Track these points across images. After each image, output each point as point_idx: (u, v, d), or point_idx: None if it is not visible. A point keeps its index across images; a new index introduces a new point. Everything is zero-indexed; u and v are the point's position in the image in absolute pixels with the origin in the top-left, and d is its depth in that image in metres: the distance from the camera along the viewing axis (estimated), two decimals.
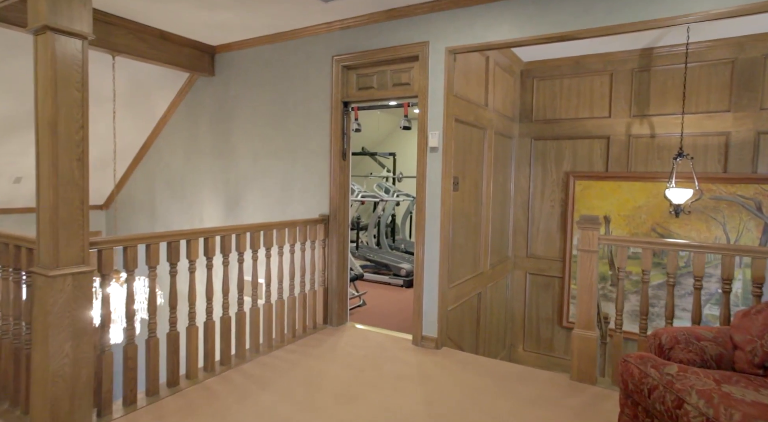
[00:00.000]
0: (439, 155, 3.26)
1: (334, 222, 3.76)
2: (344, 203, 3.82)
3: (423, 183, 3.33)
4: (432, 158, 3.29)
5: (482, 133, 3.93)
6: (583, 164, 4.53)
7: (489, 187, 4.10)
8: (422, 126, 3.31)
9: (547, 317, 4.78)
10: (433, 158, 3.29)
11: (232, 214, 4.42)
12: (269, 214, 4.17)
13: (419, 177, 3.35)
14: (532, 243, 4.84)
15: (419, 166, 3.34)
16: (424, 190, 3.32)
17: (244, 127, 4.30)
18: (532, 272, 4.84)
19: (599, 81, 4.40)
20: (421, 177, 3.34)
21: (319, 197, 3.87)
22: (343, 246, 3.82)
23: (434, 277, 3.32)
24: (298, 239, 3.56)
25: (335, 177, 3.75)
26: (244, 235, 3.03)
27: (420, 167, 3.33)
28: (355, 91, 3.68)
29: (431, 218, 3.31)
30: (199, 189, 4.65)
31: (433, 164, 3.29)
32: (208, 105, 4.53)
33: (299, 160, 3.98)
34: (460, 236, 3.59)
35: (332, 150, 3.76)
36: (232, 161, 4.40)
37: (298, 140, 3.97)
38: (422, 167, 3.33)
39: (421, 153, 3.32)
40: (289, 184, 4.05)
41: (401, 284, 5.62)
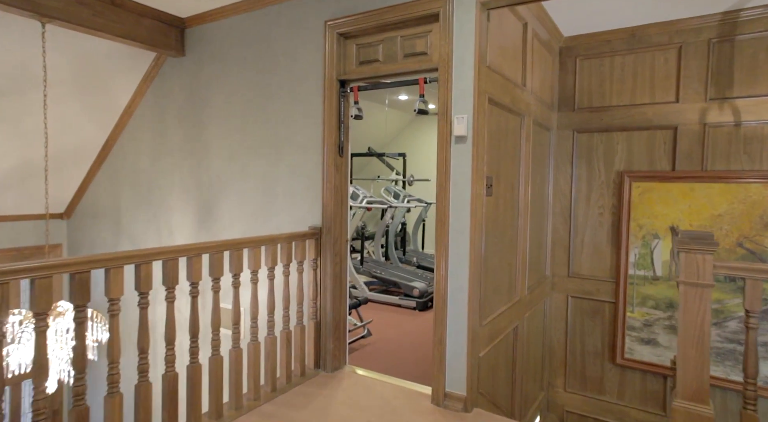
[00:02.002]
0: (468, 146, 2.39)
1: (327, 237, 2.90)
2: (342, 212, 2.96)
3: (445, 185, 2.46)
4: (458, 152, 2.42)
5: (519, 121, 3.06)
6: (641, 162, 3.62)
7: (527, 190, 3.21)
8: (444, 109, 2.45)
9: (594, 351, 3.86)
10: (459, 152, 2.42)
11: (204, 225, 3.58)
12: (248, 226, 3.32)
13: (440, 177, 2.48)
14: (574, 260, 3.94)
15: (440, 162, 2.47)
16: (447, 195, 2.45)
17: (219, 117, 3.47)
18: (576, 295, 3.94)
19: (663, 57, 3.50)
20: (442, 177, 2.47)
21: (310, 204, 3.02)
22: (340, 268, 2.96)
23: (461, 313, 2.44)
24: (279, 261, 2.71)
25: (329, 178, 2.89)
26: (197, 259, 2.18)
27: (441, 163, 2.47)
28: (354, 66, 2.83)
29: (457, 233, 2.43)
30: (168, 194, 3.82)
31: (460, 159, 2.42)
32: (178, 92, 3.71)
33: (284, 157, 3.13)
34: (494, 254, 2.71)
35: (325, 143, 2.90)
36: (205, 159, 3.56)
37: (283, 131, 3.13)
38: (444, 163, 2.46)
39: (443, 145, 2.45)
40: (272, 187, 3.20)
41: (414, 307, 4.76)
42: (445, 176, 2.46)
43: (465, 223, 2.41)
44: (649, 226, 3.56)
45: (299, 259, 2.82)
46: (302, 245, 2.83)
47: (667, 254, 3.50)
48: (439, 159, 2.47)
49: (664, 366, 3.47)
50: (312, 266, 2.92)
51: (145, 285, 1.96)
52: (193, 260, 2.16)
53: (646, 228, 3.58)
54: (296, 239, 2.77)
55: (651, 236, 3.56)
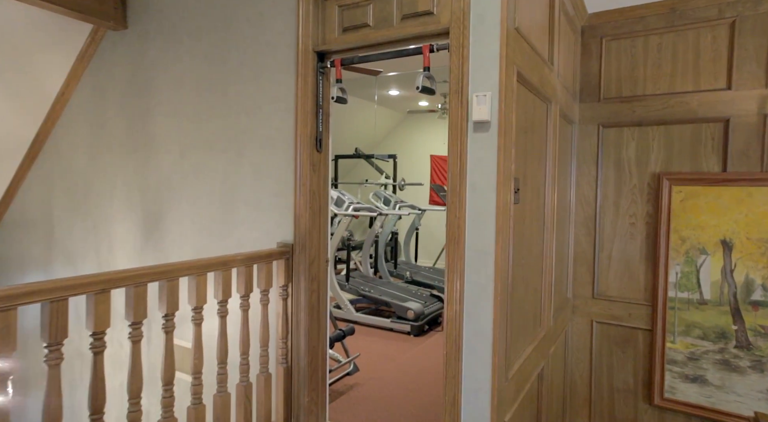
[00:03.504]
0: (492, 136, 1.74)
1: (301, 256, 2.22)
2: (320, 223, 2.28)
3: (459, 189, 1.80)
4: (478, 144, 1.77)
5: (545, 108, 2.42)
6: (682, 162, 3.02)
7: (554, 196, 2.58)
8: (458, 85, 1.80)
9: (626, 388, 3.23)
10: (480, 144, 1.77)
11: (150, 240, 2.87)
12: (202, 241, 2.62)
13: (453, 179, 1.82)
14: (600, 278, 3.31)
15: (453, 158, 1.81)
16: (462, 203, 1.80)
17: (168, 104, 2.77)
18: (602, 321, 3.30)
19: (710, 35, 2.91)
20: (455, 179, 1.81)
21: (279, 213, 2.34)
22: (317, 296, 2.28)
23: (483, 367, 1.78)
24: (236, 291, 2.02)
25: (304, 181, 2.22)
26: (103, 297, 1.48)
27: (454, 160, 1.81)
28: (336, 34, 2.17)
29: (477, 255, 1.77)
30: (108, 201, 3.10)
31: (481, 153, 1.77)
32: (120, 74, 3.00)
33: (247, 154, 2.45)
34: (520, 280, 2.06)
35: (299, 136, 2.23)
36: (152, 157, 2.86)
37: (246, 121, 2.45)
38: (458, 159, 1.80)
39: (456, 135, 1.80)
40: (232, 193, 2.51)
41: (408, 332, 4.10)
42: (459, 178, 1.80)
43: (488, 241, 1.75)
44: (694, 239, 2.95)
45: (263, 287, 2.13)
46: (267, 269, 2.14)
47: (718, 274, 2.89)
48: (452, 153, 1.81)
49: (719, 411, 2.84)
50: (281, 295, 2.24)
51: None
52: (96, 298, 1.46)
53: (690, 242, 2.96)
54: (259, 260, 2.09)
55: (696, 252, 2.94)
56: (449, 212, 1.83)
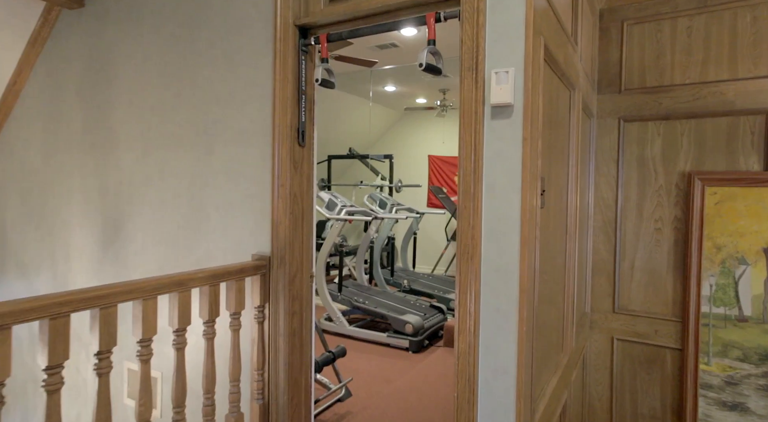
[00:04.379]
0: (516, 123, 1.38)
1: (280, 271, 1.85)
2: (303, 232, 1.91)
3: (473, 191, 1.44)
4: (498, 133, 1.41)
5: (568, 96, 2.07)
6: (716, 159, 2.67)
7: (576, 198, 2.23)
8: (472, 61, 1.44)
9: (652, 414, 2.87)
10: (500, 133, 1.41)
11: (111, 250, 2.49)
12: (167, 252, 2.25)
13: (465, 178, 1.45)
14: (622, 290, 2.95)
15: (466, 153, 1.45)
16: (477, 207, 1.43)
17: (129, 93, 2.40)
18: (624, 338, 2.95)
19: (750, 15, 2.57)
20: (468, 178, 1.44)
21: (254, 220, 1.97)
22: (300, 319, 1.91)
23: (504, 411, 1.41)
24: (201, 315, 1.65)
25: (283, 181, 1.85)
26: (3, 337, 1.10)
27: (467, 153, 1.44)
28: (322, 4, 1.80)
29: (497, 274, 1.41)
30: (65, 205, 2.72)
31: (501, 145, 1.40)
32: (77, 60, 2.63)
33: (217, 149, 2.08)
34: (544, 299, 1.69)
35: (277, 126, 1.86)
36: (112, 154, 2.48)
37: (216, 110, 2.08)
38: (471, 153, 1.44)
39: (469, 122, 1.44)
40: (201, 195, 2.14)
41: (406, 348, 3.73)
42: (474, 177, 1.43)
43: (511, 256, 1.39)
44: (732, 247, 2.60)
45: (234, 309, 1.76)
46: (238, 288, 1.77)
47: (760, 287, 2.54)
48: (463, 146, 1.45)
49: None
50: (256, 318, 1.87)
51: None
52: None
53: (726, 250, 2.61)
54: (227, 277, 1.71)
55: (734, 261, 2.59)
56: (461, 220, 1.46)
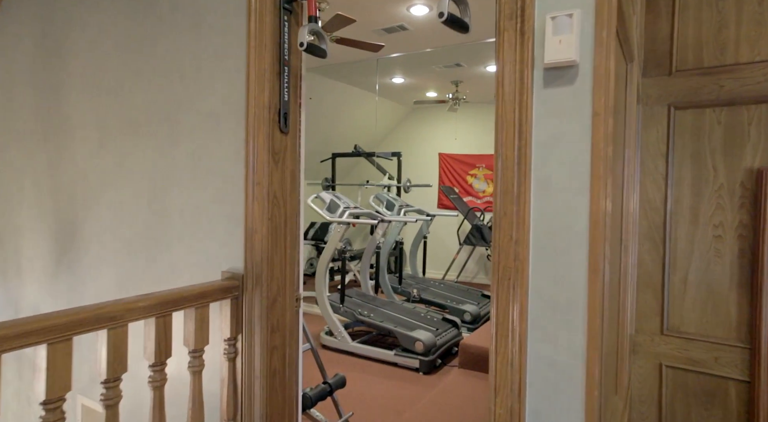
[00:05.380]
0: (584, 91, 0.94)
1: (257, 294, 1.43)
2: (286, 242, 1.49)
3: (518, 191, 1.01)
4: (555, 106, 0.97)
5: (625, 71, 1.63)
6: None
7: (631, 201, 1.79)
8: (515, 6, 1.00)
9: None
10: (558, 105, 0.97)
11: (64, 262, 2.09)
12: (125, 266, 1.84)
13: (505, 173, 1.02)
14: (672, 308, 2.49)
15: (505, 137, 1.02)
16: (522, 214, 1.00)
17: (84, 73, 2.00)
18: (675, 365, 2.48)
19: None
20: (510, 173, 1.01)
21: (225, 228, 1.55)
22: (285, 356, 1.49)
23: None
24: (145, 357, 1.24)
25: (259, 177, 1.43)
26: None
27: (508, 138, 1.01)
28: None
29: (552, 311, 0.98)
30: (16, 206, 2.32)
31: (560, 123, 0.97)
32: (27, 35, 2.23)
33: (183, 138, 1.67)
34: (611, 334, 1.25)
35: (251, 107, 1.45)
36: (66, 146, 2.08)
37: (180, 89, 1.66)
38: (515, 137, 1.00)
39: (511, 95, 1.01)
40: (163, 195, 1.73)
41: (417, 368, 3.30)
42: (518, 170, 1.00)
43: (575, 285, 0.95)
44: None
45: (194, 346, 1.34)
46: (201, 317, 1.35)
47: None
48: (502, 127, 1.02)
49: None
50: (227, 355, 1.45)
51: None
52: None
53: None
54: (184, 304, 1.30)
55: None
56: (498, 232, 1.03)
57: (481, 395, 2.86)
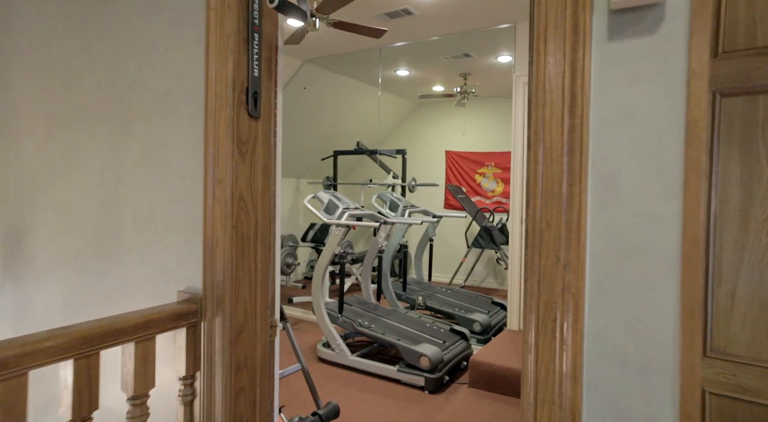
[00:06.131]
0: (677, 43, 0.62)
1: (218, 321, 1.12)
2: (257, 255, 1.18)
3: (567, 191, 0.68)
4: (629, 66, 0.65)
5: None
6: None
7: None
8: None
9: None
10: (634, 66, 0.65)
11: (10, 273, 1.79)
12: (77, 280, 1.54)
13: (549, 165, 0.70)
14: (717, 327, 2.14)
15: (546, 115, 0.69)
16: (576, 227, 0.68)
17: (30, 49, 1.70)
18: (721, 393, 2.14)
19: None
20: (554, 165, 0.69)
21: (183, 236, 1.24)
22: (254, 399, 1.18)
23: None
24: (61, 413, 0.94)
25: (221, 174, 1.12)
26: None
27: (548, 114, 0.69)
28: None
29: (629, 378, 0.65)
30: None
31: (637, 94, 0.64)
32: None
33: (135, 125, 1.36)
34: None
35: (212, 85, 1.13)
36: (11, 138, 1.79)
37: (134, 66, 1.36)
38: (561, 112, 0.68)
39: (557, 50, 0.68)
40: (114, 195, 1.42)
41: (422, 387, 2.99)
42: (569, 161, 0.68)
43: (662, 338, 0.64)
44: None
45: (134, 391, 1.04)
46: (140, 355, 1.05)
47: None
48: (544, 99, 0.70)
49: None
50: (182, 397, 1.14)
51: None
52: None
53: None
54: (122, 337, 1.00)
55: None
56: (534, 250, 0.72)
57: (495, 421, 2.54)
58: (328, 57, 4.59)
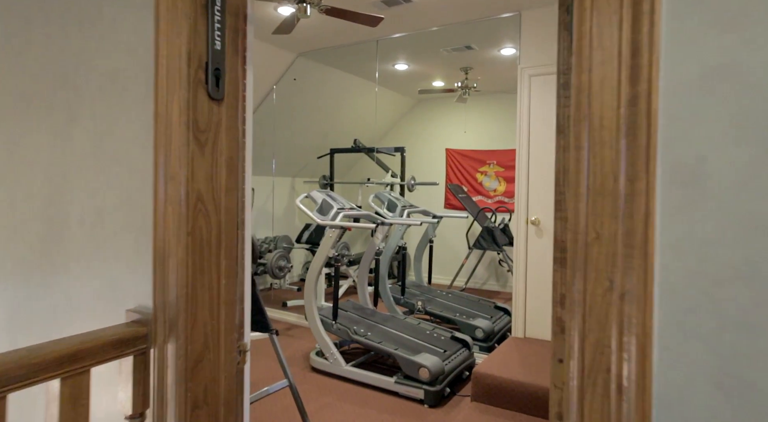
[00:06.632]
0: None
1: (171, 349, 0.91)
2: (224, 270, 0.98)
3: (622, 189, 0.46)
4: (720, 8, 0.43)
5: None
6: None
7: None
8: None
9: None
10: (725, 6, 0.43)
11: None
12: (18, 292, 1.33)
13: (600, 152, 0.49)
14: None
15: (593, 80, 0.48)
16: (639, 241, 0.46)
17: None
18: None
19: None
20: (604, 151, 0.48)
21: (134, 246, 1.03)
22: None
23: None
24: None
25: (173, 169, 0.91)
26: None
27: (597, 80, 0.48)
28: None
29: None
30: None
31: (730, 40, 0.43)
32: None
33: (82, 112, 1.15)
34: None
35: (161, 58, 0.92)
36: None
37: (78, 40, 1.15)
38: (617, 80, 0.47)
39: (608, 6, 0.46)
40: (60, 198, 1.21)
41: (421, 400, 2.79)
42: (633, 144, 0.47)
43: None
44: None
45: None
46: (71, 392, 0.84)
47: None
48: (589, 54, 0.48)
49: None
50: None
51: None
52: None
53: None
54: (42, 374, 0.78)
55: None
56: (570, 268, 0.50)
57: None
58: (322, 50, 4.38)
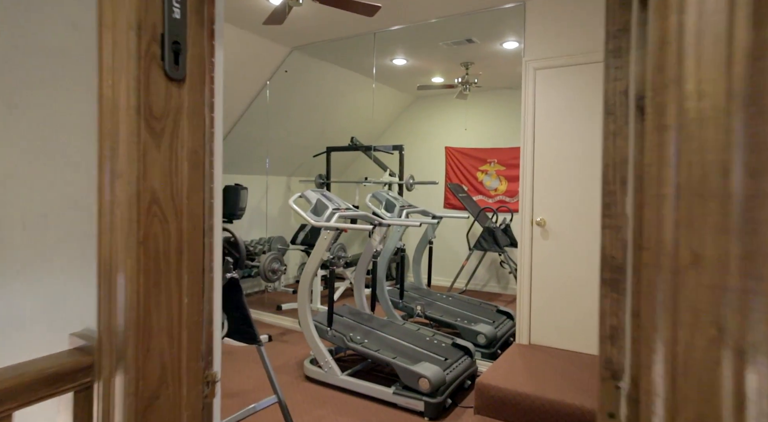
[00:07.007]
0: None
1: (119, 382, 0.73)
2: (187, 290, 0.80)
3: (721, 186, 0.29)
4: None
5: None
6: None
7: None
8: None
9: None
10: None
11: None
12: None
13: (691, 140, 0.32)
14: None
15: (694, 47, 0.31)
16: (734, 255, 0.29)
17: None
18: None
19: None
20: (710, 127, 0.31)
21: (81, 256, 0.85)
22: None
23: None
24: None
25: (121, 167, 0.74)
26: None
27: (715, 50, 0.31)
28: None
29: None
30: None
31: None
32: None
33: (23, 96, 0.98)
34: None
35: (105, 29, 0.74)
36: None
37: (19, 13, 0.97)
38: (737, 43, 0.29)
39: None
40: (3, 197, 1.03)
41: (421, 412, 2.62)
42: (751, 130, 0.29)
43: None
44: None
45: None
46: None
47: None
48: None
49: None
50: None
51: None
52: None
53: None
54: None
55: None
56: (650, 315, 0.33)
57: None
58: (318, 43, 4.21)
